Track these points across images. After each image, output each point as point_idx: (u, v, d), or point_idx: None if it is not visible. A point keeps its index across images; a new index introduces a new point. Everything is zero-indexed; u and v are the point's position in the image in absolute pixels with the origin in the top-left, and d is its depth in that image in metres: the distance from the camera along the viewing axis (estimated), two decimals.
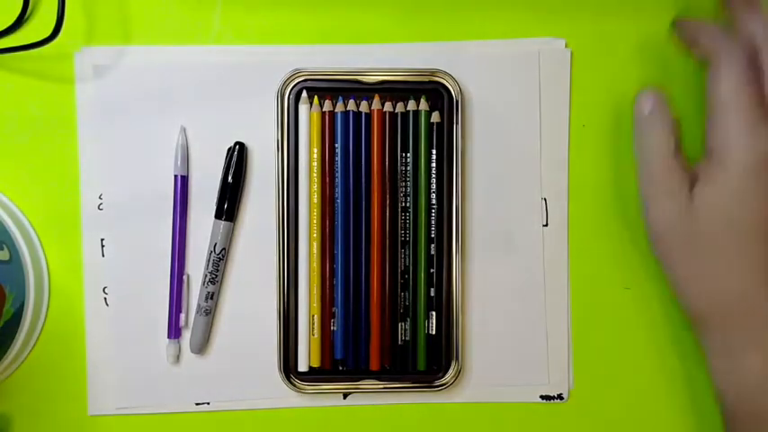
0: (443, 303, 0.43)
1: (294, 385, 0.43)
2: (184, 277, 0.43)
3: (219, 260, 0.43)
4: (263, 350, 0.44)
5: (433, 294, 0.43)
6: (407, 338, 0.43)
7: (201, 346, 0.43)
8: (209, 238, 0.43)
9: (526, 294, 0.44)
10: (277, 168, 0.42)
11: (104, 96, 0.43)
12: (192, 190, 0.43)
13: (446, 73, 0.42)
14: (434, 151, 0.43)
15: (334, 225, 0.43)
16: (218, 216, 0.43)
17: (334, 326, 0.43)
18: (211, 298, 0.43)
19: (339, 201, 0.43)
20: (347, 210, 0.43)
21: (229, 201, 0.43)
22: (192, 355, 0.44)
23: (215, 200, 0.43)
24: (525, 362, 0.44)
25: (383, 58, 0.43)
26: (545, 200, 0.44)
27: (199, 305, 0.43)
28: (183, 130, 0.43)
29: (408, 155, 0.43)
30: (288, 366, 0.43)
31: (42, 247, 0.44)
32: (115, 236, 0.43)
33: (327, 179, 0.42)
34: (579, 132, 0.44)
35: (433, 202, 0.43)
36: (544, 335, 0.44)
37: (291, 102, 0.42)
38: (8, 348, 0.42)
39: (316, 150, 0.42)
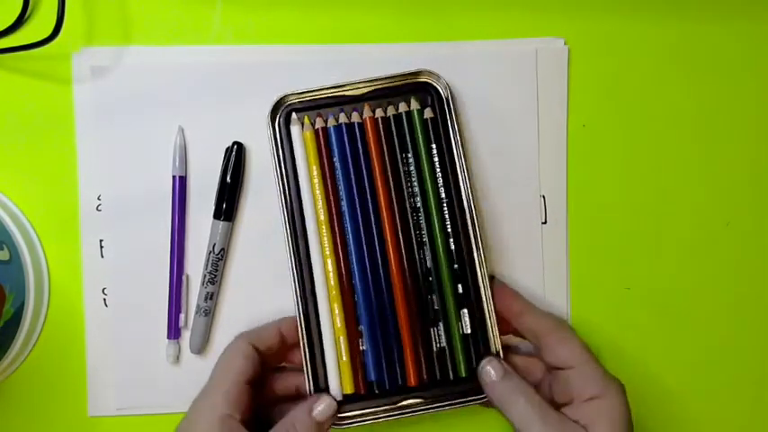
0: (473, 299, 0.41)
1: (333, 423, 0.40)
2: (184, 277, 0.43)
3: (219, 260, 0.43)
4: None
5: (461, 291, 0.41)
6: (443, 344, 0.41)
7: (201, 347, 0.43)
8: (207, 238, 0.43)
9: (526, 292, 0.44)
10: (279, 194, 0.41)
11: (102, 97, 0.43)
12: (190, 190, 0.43)
13: (430, 72, 0.41)
14: (434, 146, 0.42)
15: (345, 239, 0.41)
16: (216, 216, 0.43)
17: (363, 345, 0.41)
18: (211, 298, 0.43)
19: (347, 214, 0.41)
20: (356, 221, 0.41)
21: (228, 201, 0.43)
22: (192, 355, 0.44)
23: (214, 200, 0.43)
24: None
25: (382, 59, 0.43)
26: (543, 197, 0.44)
27: (198, 305, 0.43)
28: (181, 130, 0.43)
29: (409, 155, 0.42)
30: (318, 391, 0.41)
31: (42, 247, 0.44)
32: (114, 236, 0.43)
33: (332, 194, 0.41)
34: (578, 130, 0.44)
35: (443, 196, 0.41)
36: None
37: (282, 127, 0.41)
38: (8, 348, 0.42)
39: (315, 168, 0.41)
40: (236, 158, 0.43)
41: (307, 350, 0.40)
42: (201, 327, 0.43)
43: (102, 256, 0.44)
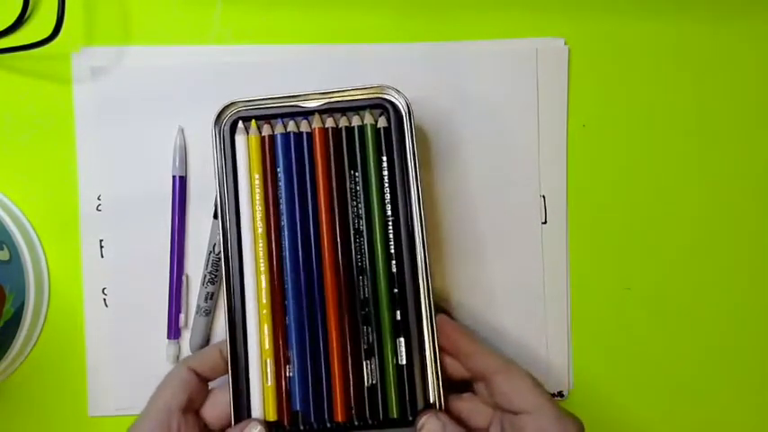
0: (412, 328, 0.38)
1: None
2: (184, 278, 0.43)
3: (219, 260, 0.43)
4: None
5: (398, 318, 0.38)
6: (374, 381, 0.38)
7: (201, 347, 0.43)
8: (207, 238, 0.43)
9: (526, 292, 0.44)
10: (217, 203, 0.39)
11: (102, 97, 0.43)
12: (190, 190, 0.44)
13: (392, 87, 0.39)
14: (385, 158, 0.38)
15: (282, 256, 0.39)
16: (216, 216, 0.43)
17: (291, 371, 0.38)
18: (211, 298, 0.43)
19: (286, 229, 0.39)
20: (295, 238, 0.39)
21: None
22: None
23: (213, 200, 0.43)
24: (525, 360, 0.44)
25: (382, 59, 0.43)
26: (543, 197, 0.44)
27: (198, 305, 0.43)
28: (182, 130, 0.43)
29: (357, 173, 0.39)
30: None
31: (42, 247, 0.44)
32: (114, 237, 0.43)
33: (272, 207, 0.39)
34: (578, 130, 0.44)
35: (389, 213, 0.38)
36: (544, 332, 0.44)
37: (226, 134, 0.39)
38: (8, 348, 0.42)
39: (257, 176, 0.39)
40: None
41: (231, 371, 0.38)
42: (201, 327, 0.43)
43: (102, 256, 0.44)
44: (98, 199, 0.43)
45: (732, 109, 0.45)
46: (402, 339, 0.38)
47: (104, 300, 0.44)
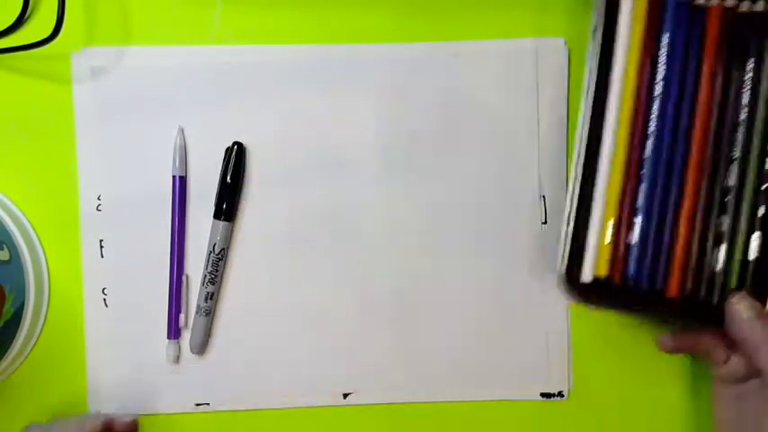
0: None
1: (577, 295, 0.38)
2: (184, 278, 0.43)
3: (219, 260, 0.43)
4: (262, 350, 0.44)
5: (761, 214, 0.37)
6: (717, 268, 0.38)
7: (201, 347, 0.43)
8: (207, 238, 0.43)
9: (526, 292, 0.44)
10: (593, 54, 0.38)
11: (102, 97, 0.43)
12: (190, 190, 0.43)
13: None
14: None
15: (646, 122, 0.38)
16: (216, 216, 0.43)
17: (632, 238, 0.38)
18: (211, 298, 0.43)
19: (658, 97, 0.38)
20: (665, 109, 0.38)
21: (228, 201, 0.43)
22: (192, 356, 0.44)
23: (214, 200, 0.43)
24: (525, 360, 0.44)
25: (382, 59, 0.43)
26: (544, 197, 0.44)
27: (198, 305, 0.43)
28: (182, 130, 0.43)
29: (750, 62, 0.37)
30: (571, 274, 0.38)
31: (42, 247, 0.44)
32: (114, 237, 0.43)
33: (647, 73, 0.38)
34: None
35: None
36: (544, 332, 0.44)
37: None
38: (8, 348, 0.42)
39: (638, 41, 0.38)
40: (236, 158, 0.43)
41: (572, 225, 0.38)
42: (201, 327, 0.43)
43: (102, 256, 0.44)
44: (98, 199, 0.43)
45: None
46: (758, 233, 0.38)
47: (104, 300, 0.44)
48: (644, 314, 0.39)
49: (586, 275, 0.38)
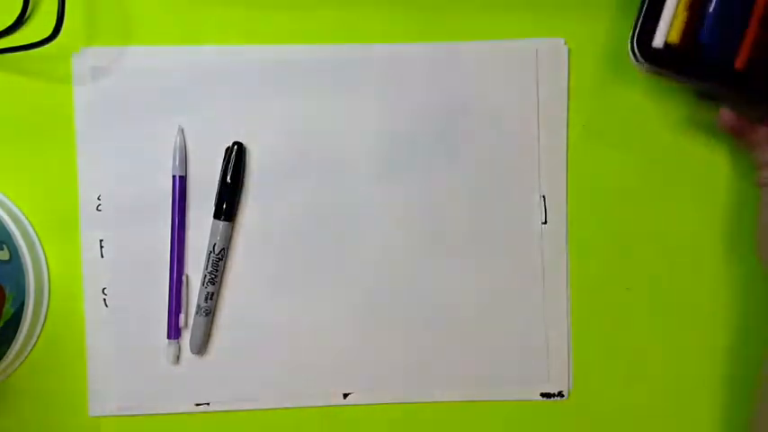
0: None
1: (644, 62, 0.39)
2: (184, 278, 0.43)
3: (219, 260, 0.43)
4: (262, 350, 0.44)
5: None
6: None
7: (201, 347, 0.43)
8: (207, 238, 0.43)
9: (526, 292, 0.44)
10: None
11: (102, 97, 0.43)
12: (190, 190, 0.44)
13: None
14: None
15: None
16: (216, 216, 0.43)
17: (710, 5, 0.38)
18: (211, 298, 0.43)
19: None
20: None
21: (228, 201, 0.43)
22: (192, 356, 0.44)
23: (213, 200, 0.43)
24: (526, 360, 0.44)
25: (382, 59, 0.43)
26: (544, 197, 0.44)
27: (198, 305, 0.43)
28: (182, 130, 0.43)
29: None
30: (642, 38, 0.39)
31: (42, 247, 0.44)
32: (114, 236, 0.43)
33: None
34: (578, 130, 0.44)
35: None
36: (544, 332, 0.44)
37: None
38: (8, 348, 0.42)
39: None
40: (236, 158, 0.43)
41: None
42: (201, 327, 0.43)
43: (102, 256, 0.44)
44: (98, 199, 0.43)
45: None
46: None
47: (104, 300, 0.44)
48: (707, 87, 0.39)
49: (659, 40, 0.39)
